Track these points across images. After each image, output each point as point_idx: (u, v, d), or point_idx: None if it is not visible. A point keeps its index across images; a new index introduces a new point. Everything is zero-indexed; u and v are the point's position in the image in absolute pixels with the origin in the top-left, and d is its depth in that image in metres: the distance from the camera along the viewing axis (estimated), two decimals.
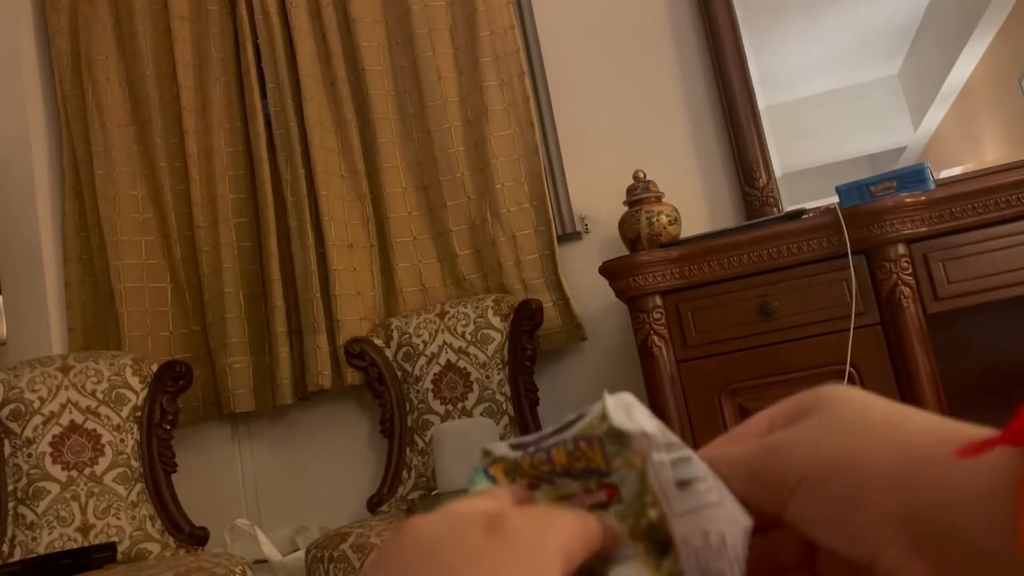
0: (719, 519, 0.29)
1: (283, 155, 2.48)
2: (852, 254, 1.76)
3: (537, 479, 0.32)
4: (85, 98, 2.59)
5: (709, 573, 0.28)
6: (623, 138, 2.44)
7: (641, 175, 2.14)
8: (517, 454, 0.32)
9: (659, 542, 0.29)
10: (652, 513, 0.28)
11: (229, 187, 2.53)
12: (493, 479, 0.33)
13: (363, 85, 2.47)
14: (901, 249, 1.75)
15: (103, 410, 2.12)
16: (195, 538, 2.10)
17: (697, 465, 0.30)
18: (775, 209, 2.27)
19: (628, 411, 0.31)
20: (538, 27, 2.53)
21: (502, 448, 0.33)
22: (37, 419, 2.07)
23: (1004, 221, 1.74)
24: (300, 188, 2.44)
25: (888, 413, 0.29)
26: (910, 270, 1.74)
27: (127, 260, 2.51)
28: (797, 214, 1.88)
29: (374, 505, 2.24)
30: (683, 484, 0.29)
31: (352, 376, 2.36)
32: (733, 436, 0.34)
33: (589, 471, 0.30)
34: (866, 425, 0.29)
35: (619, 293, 1.94)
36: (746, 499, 0.30)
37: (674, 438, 0.30)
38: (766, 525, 0.34)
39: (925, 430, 0.28)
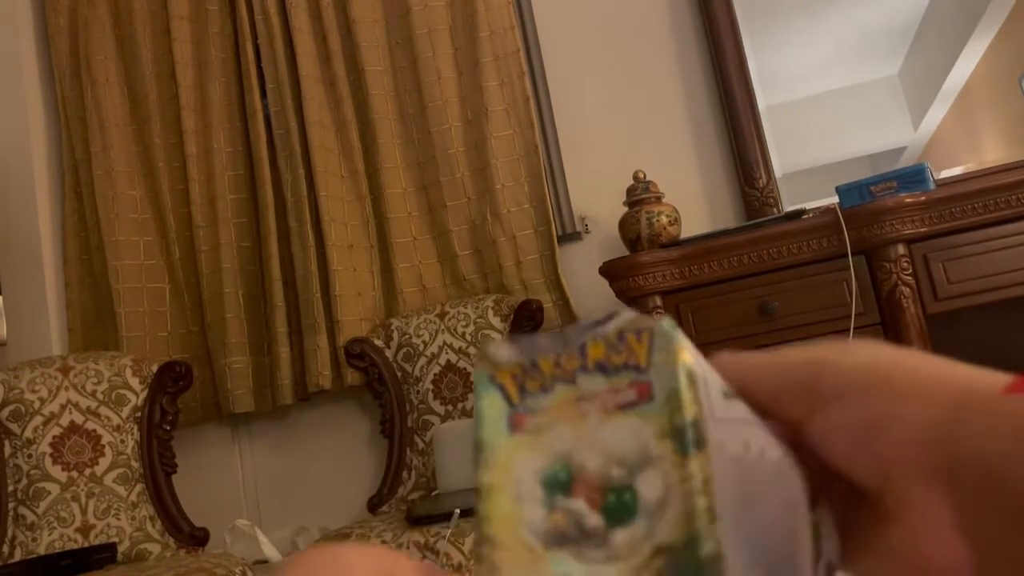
0: (759, 436, 0.27)
1: (283, 155, 2.48)
2: (852, 254, 1.76)
3: (554, 380, 0.28)
4: (84, 98, 2.59)
5: (743, 483, 0.26)
6: (623, 138, 2.44)
7: (641, 175, 2.13)
8: (530, 358, 0.29)
9: (690, 442, 0.25)
10: (690, 411, 0.25)
11: (229, 187, 2.53)
12: (501, 387, 0.30)
13: (363, 85, 2.47)
14: (901, 249, 1.75)
15: (103, 411, 2.12)
16: (195, 539, 2.10)
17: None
18: (775, 209, 2.27)
19: None
20: (538, 27, 2.53)
21: (505, 352, 0.30)
22: (37, 420, 2.07)
23: (1004, 221, 1.74)
24: (300, 188, 2.44)
25: (921, 353, 0.27)
26: (910, 270, 1.74)
27: (125, 260, 2.51)
28: (797, 214, 1.88)
29: (374, 506, 2.24)
30: (728, 395, 0.27)
31: (352, 376, 2.36)
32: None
33: (626, 366, 0.27)
34: (910, 354, 0.27)
35: (619, 293, 1.94)
36: (770, 402, 0.29)
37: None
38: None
39: (970, 367, 0.26)
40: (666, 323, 0.27)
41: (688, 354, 0.26)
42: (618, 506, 0.26)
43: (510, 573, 0.28)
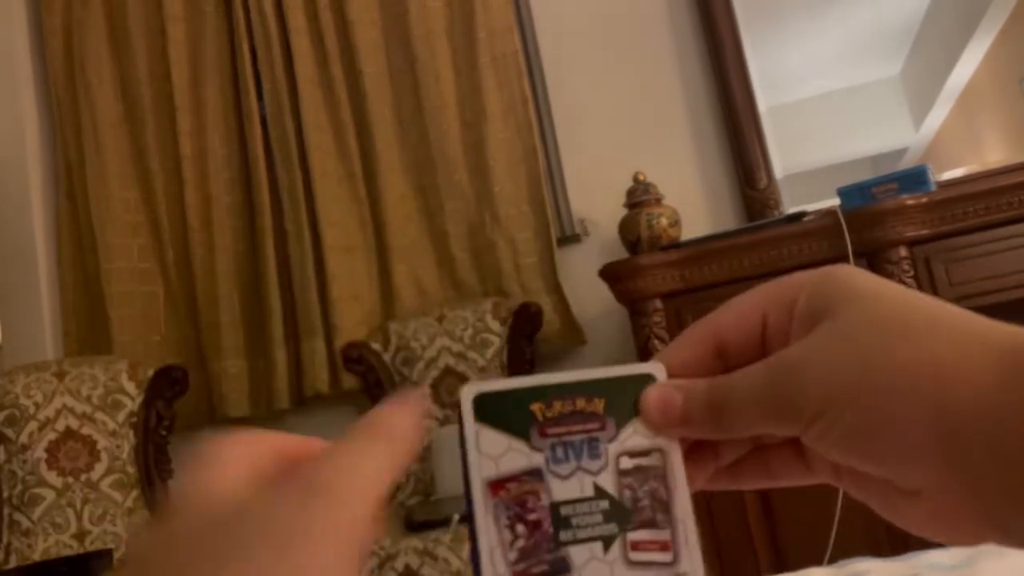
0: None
1: (279, 157, 2.47)
2: (854, 256, 1.75)
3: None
4: (78, 99, 2.58)
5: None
6: (623, 140, 2.43)
7: (641, 177, 2.12)
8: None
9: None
10: None
11: (224, 189, 2.51)
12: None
13: (360, 87, 2.46)
14: (903, 251, 1.74)
15: (99, 416, 2.10)
16: None
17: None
18: (776, 211, 2.25)
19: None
20: (537, 29, 2.52)
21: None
22: (32, 425, 2.05)
23: (1006, 223, 1.73)
24: (297, 191, 2.42)
25: (912, 313, 0.27)
26: (912, 272, 1.73)
27: (118, 263, 2.49)
28: (798, 216, 1.86)
29: None
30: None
31: (349, 381, 2.35)
32: (708, 330, 0.32)
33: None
34: (890, 330, 0.27)
35: (619, 296, 1.92)
36: (757, 427, 0.29)
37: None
38: None
39: (955, 332, 0.26)
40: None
41: None
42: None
43: None
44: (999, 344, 0.25)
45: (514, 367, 2.19)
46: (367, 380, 2.30)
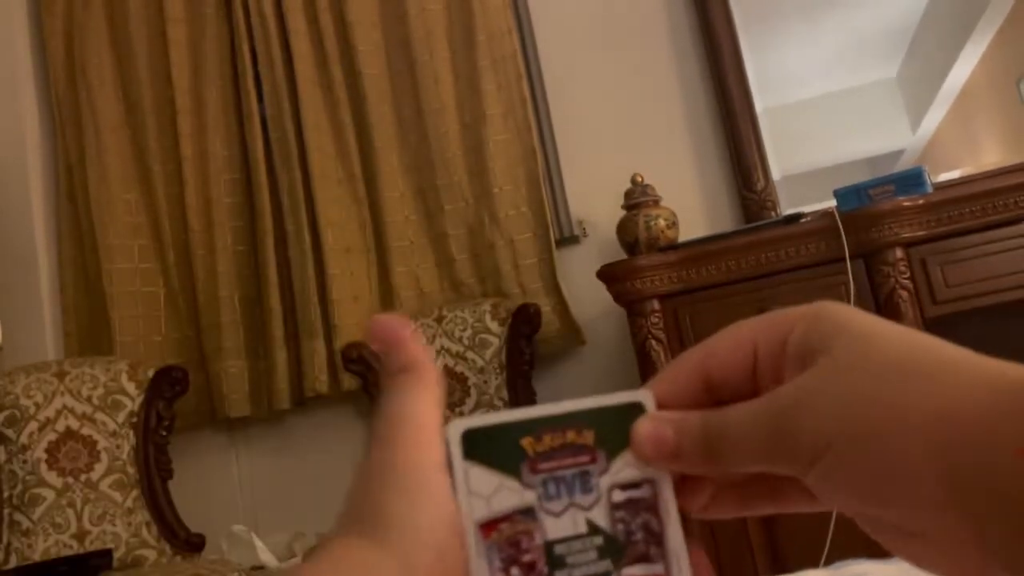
0: None
1: (280, 159, 2.47)
2: (850, 258, 1.76)
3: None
4: (79, 101, 2.58)
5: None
6: (621, 141, 2.43)
7: (639, 179, 2.13)
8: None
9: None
10: None
11: (224, 191, 2.52)
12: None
13: (360, 89, 2.46)
14: (899, 253, 1.75)
15: (99, 416, 2.11)
16: (191, 544, 2.09)
17: None
18: (773, 213, 2.26)
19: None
20: (535, 31, 2.52)
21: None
22: (33, 425, 2.06)
23: (1002, 224, 1.74)
24: (297, 192, 2.43)
25: (909, 350, 0.27)
26: (908, 274, 1.74)
27: (119, 264, 2.49)
28: (795, 218, 1.87)
29: None
30: None
31: (349, 382, 2.35)
32: (697, 359, 0.32)
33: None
34: (889, 367, 0.26)
35: (617, 297, 1.93)
36: (754, 465, 0.29)
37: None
38: None
39: (959, 371, 0.25)
40: None
41: None
42: None
43: None
44: (994, 379, 0.25)
45: (513, 367, 2.20)
46: (367, 380, 2.31)
